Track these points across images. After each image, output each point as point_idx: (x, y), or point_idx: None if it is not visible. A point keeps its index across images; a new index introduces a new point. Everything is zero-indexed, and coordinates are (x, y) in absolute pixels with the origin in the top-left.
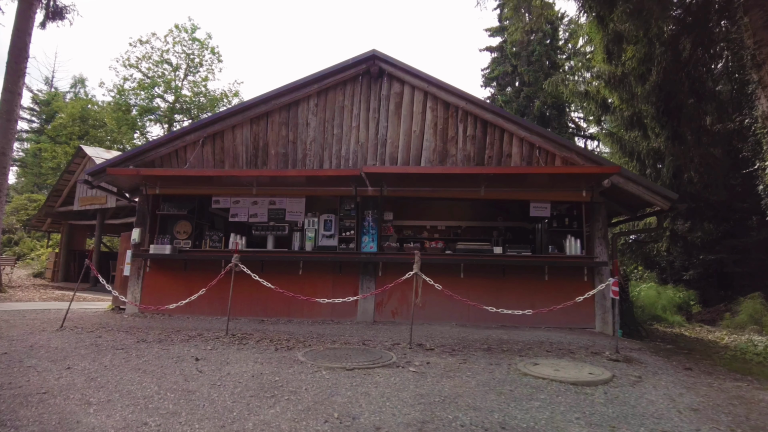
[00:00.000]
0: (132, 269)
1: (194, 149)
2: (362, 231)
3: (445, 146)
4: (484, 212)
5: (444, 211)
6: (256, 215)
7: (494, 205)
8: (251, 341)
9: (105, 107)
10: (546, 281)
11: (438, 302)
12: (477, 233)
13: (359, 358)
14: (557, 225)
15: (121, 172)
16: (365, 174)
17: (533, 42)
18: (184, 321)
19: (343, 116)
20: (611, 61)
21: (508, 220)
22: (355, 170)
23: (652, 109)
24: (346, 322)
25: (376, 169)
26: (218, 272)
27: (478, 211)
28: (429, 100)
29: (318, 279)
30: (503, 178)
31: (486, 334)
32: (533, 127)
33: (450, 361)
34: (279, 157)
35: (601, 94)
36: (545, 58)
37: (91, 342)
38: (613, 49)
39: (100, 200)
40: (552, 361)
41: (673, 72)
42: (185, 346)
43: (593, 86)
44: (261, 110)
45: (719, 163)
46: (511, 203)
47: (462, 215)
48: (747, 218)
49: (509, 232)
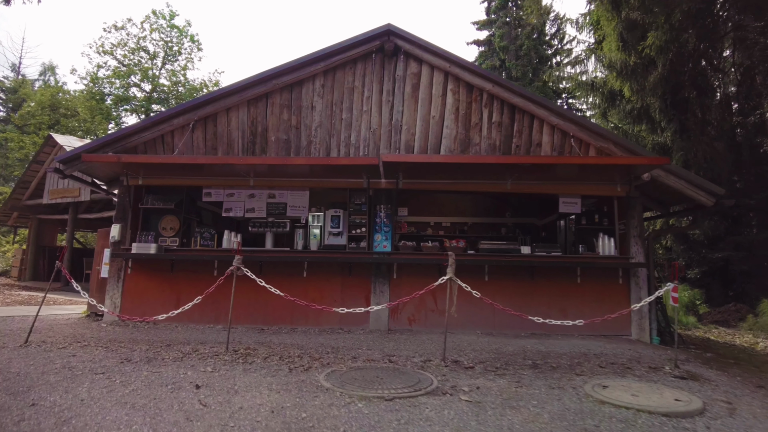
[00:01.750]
0: (111, 270)
1: (183, 134)
2: (374, 228)
3: (467, 134)
4: (490, 207)
5: (449, 205)
6: (253, 210)
7: (501, 199)
8: (257, 359)
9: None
10: (578, 284)
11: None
12: (483, 230)
13: (394, 382)
14: (586, 222)
15: (99, 158)
16: (383, 163)
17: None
18: (173, 331)
19: (353, 99)
20: (626, 49)
21: (516, 216)
22: (373, 158)
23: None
24: (357, 331)
25: (397, 157)
26: (210, 274)
27: (484, 207)
28: (450, 81)
29: (325, 282)
30: (534, 170)
31: (519, 345)
32: (567, 113)
33: (501, 385)
34: (280, 144)
35: (609, 86)
36: (533, 53)
37: (62, 363)
38: (628, 37)
39: (72, 193)
40: (618, 382)
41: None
42: (180, 368)
43: (599, 78)
44: (260, 90)
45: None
46: (518, 198)
47: (465, 210)
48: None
49: (518, 228)
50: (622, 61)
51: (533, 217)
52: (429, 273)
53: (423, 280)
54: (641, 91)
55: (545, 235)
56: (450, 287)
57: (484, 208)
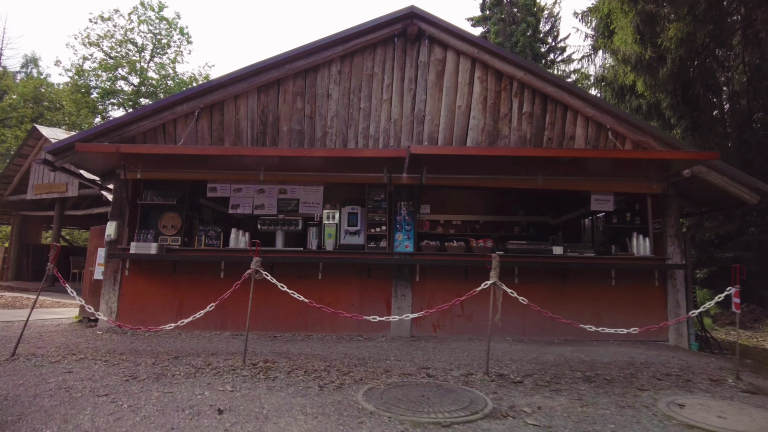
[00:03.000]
0: (106, 272)
1: (186, 124)
2: (395, 227)
3: (495, 125)
4: (502, 205)
5: (458, 203)
6: (263, 206)
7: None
8: (280, 373)
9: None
10: (612, 287)
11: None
12: (494, 228)
13: (444, 402)
14: (618, 221)
15: (95, 148)
16: (411, 155)
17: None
18: (177, 340)
19: (371, 86)
20: (642, 42)
21: (530, 214)
22: (400, 150)
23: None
24: (378, 338)
25: (427, 149)
26: (216, 277)
27: (495, 204)
28: (478, 69)
29: (342, 285)
30: (567, 165)
31: (557, 354)
32: (604, 104)
33: (563, 404)
34: (293, 135)
35: (620, 81)
36: (528, 50)
37: (57, 383)
38: (645, 30)
39: (59, 188)
40: (691, 399)
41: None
42: (195, 386)
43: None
44: (271, 76)
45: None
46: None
47: (475, 208)
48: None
49: (531, 227)
50: (637, 55)
51: (546, 215)
52: (454, 275)
53: (448, 283)
54: (655, 86)
55: (561, 234)
56: (494, 293)
57: (495, 206)
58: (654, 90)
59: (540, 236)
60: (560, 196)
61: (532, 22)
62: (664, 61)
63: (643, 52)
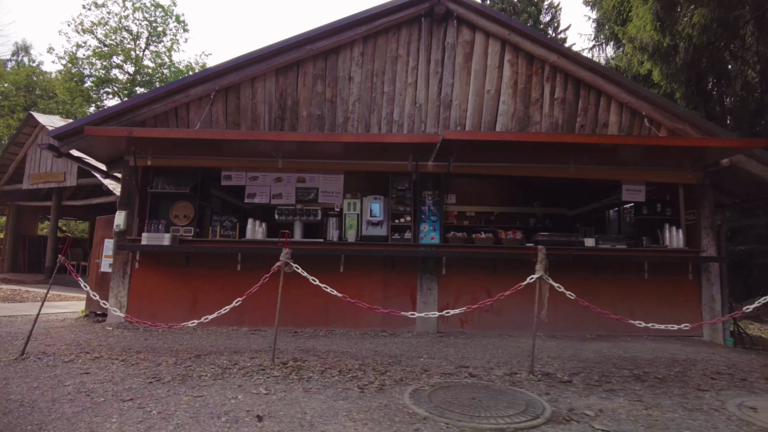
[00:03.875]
0: (115, 265)
1: (200, 107)
2: (420, 217)
3: (526, 110)
4: (516, 196)
5: (472, 193)
6: (281, 195)
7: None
8: (313, 373)
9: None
10: (645, 280)
11: (515, 307)
12: (509, 219)
13: (498, 405)
14: (648, 212)
15: (106, 132)
16: (444, 141)
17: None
18: (194, 336)
19: (396, 69)
20: (662, 29)
21: (545, 206)
22: (433, 136)
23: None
24: (404, 333)
25: (462, 134)
26: (232, 269)
27: (510, 195)
28: (508, 51)
29: (364, 278)
30: (600, 153)
31: (595, 350)
32: (641, 90)
33: (624, 406)
34: (312, 121)
35: (633, 70)
36: None
37: (75, 385)
38: (664, 17)
39: (56, 177)
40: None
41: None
42: (225, 389)
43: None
44: (290, 57)
45: None
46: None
47: (488, 199)
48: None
49: (548, 219)
50: (655, 43)
51: (562, 207)
52: (482, 268)
53: (475, 277)
54: (671, 75)
55: (580, 225)
56: (540, 288)
57: (510, 197)
58: (670, 80)
59: (556, 228)
60: (576, 187)
61: (533, 12)
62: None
63: (662, 40)
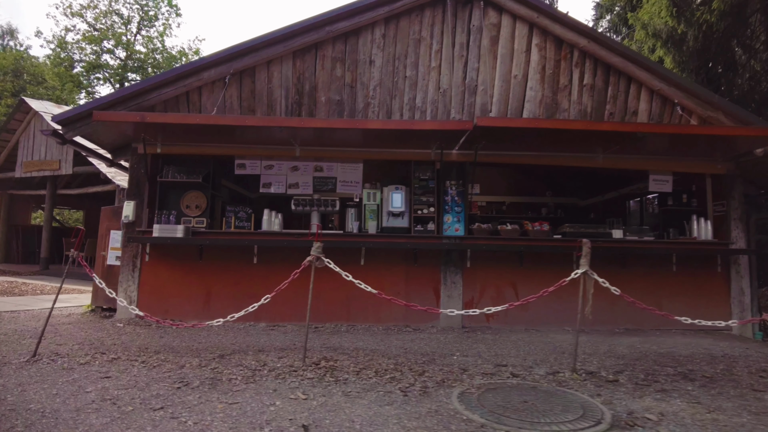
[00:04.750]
0: (124, 258)
1: (212, 92)
2: (444, 208)
3: (554, 97)
4: (526, 185)
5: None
6: (297, 185)
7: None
8: (347, 374)
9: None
10: (673, 273)
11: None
12: (519, 210)
13: (554, 409)
14: (673, 203)
15: (117, 117)
16: (477, 128)
17: None
18: (211, 333)
19: (419, 53)
20: (678, 16)
21: (556, 196)
22: (465, 122)
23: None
24: (428, 329)
25: (497, 121)
26: (248, 262)
27: (520, 184)
28: (535, 35)
29: (386, 271)
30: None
31: (628, 344)
32: (673, 76)
33: (684, 408)
34: (331, 106)
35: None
36: None
37: (98, 391)
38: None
39: (51, 165)
40: None
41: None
42: (260, 393)
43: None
44: (308, 39)
45: None
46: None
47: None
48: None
49: (559, 209)
50: (669, 29)
51: (574, 197)
52: (508, 261)
53: (501, 270)
54: (683, 63)
55: (593, 216)
56: (583, 283)
57: (520, 186)
58: (681, 67)
59: (569, 218)
60: (588, 177)
61: None
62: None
63: (677, 26)
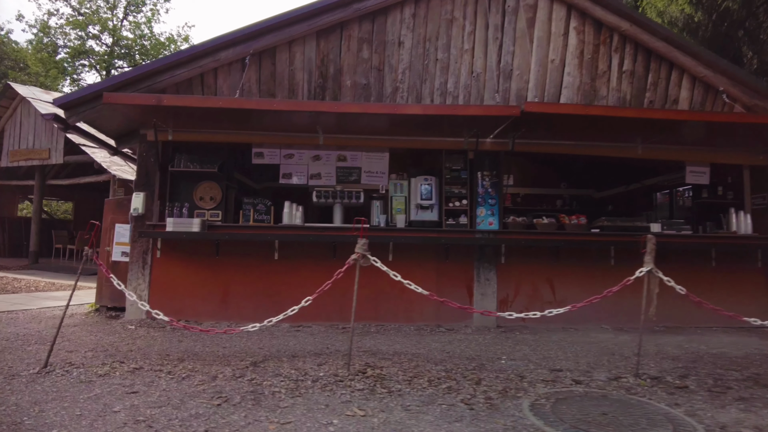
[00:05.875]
0: (133, 254)
1: (229, 74)
2: (477, 200)
3: (593, 83)
4: (539, 176)
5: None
6: (319, 176)
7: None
8: (399, 383)
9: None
10: (712, 268)
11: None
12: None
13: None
14: (708, 195)
15: (131, 100)
16: (524, 114)
17: None
18: (233, 335)
19: (450, 34)
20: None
21: (571, 187)
22: (511, 107)
23: None
24: (462, 329)
25: (547, 107)
26: (269, 259)
27: (533, 175)
28: (574, 18)
29: (415, 268)
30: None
31: (675, 344)
32: (721, 62)
33: None
34: (357, 91)
35: None
36: None
37: (127, 412)
38: None
39: (40, 154)
40: None
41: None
42: (312, 411)
43: None
44: (333, 18)
45: None
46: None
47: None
48: None
49: (575, 201)
50: (686, 17)
51: (589, 188)
52: (543, 257)
53: (536, 266)
54: None
55: (612, 208)
56: (648, 282)
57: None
58: None
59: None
60: (604, 167)
61: None
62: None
63: (694, 14)
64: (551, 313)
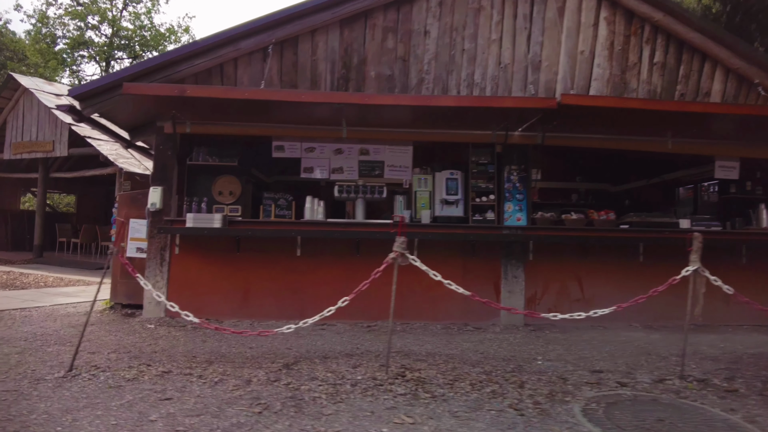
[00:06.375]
0: (150, 250)
1: (249, 64)
2: (504, 195)
3: (622, 76)
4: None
5: None
6: (341, 170)
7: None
8: (441, 387)
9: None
10: (742, 264)
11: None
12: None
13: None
14: (736, 191)
15: (152, 90)
16: (561, 105)
17: None
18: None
19: (478, 23)
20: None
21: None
22: (547, 100)
23: None
24: (490, 328)
25: (585, 99)
26: (291, 255)
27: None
28: (604, 7)
29: (441, 265)
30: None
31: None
32: (756, 53)
33: None
34: (381, 82)
35: None
36: None
37: (165, 422)
38: None
39: (43, 146)
40: None
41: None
42: (357, 418)
43: None
44: (358, 6)
45: None
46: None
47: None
48: None
49: (590, 195)
50: (703, 8)
51: (605, 182)
52: (571, 253)
53: (565, 263)
54: None
55: (628, 203)
56: (694, 281)
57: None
58: None
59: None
60: (620, 161)
61: None
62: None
63: (711, 4)
64: (596, 313)
